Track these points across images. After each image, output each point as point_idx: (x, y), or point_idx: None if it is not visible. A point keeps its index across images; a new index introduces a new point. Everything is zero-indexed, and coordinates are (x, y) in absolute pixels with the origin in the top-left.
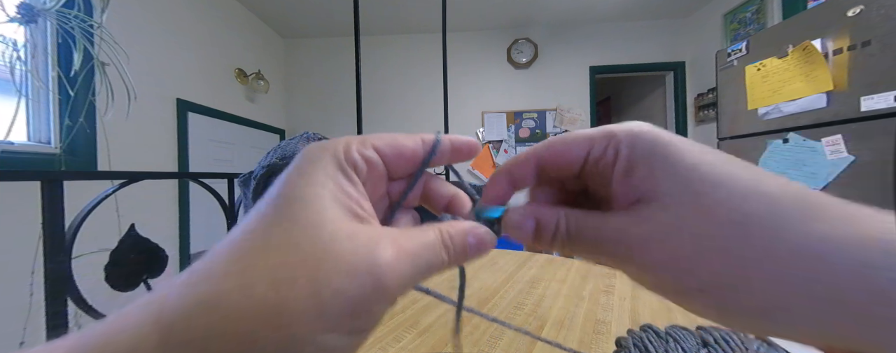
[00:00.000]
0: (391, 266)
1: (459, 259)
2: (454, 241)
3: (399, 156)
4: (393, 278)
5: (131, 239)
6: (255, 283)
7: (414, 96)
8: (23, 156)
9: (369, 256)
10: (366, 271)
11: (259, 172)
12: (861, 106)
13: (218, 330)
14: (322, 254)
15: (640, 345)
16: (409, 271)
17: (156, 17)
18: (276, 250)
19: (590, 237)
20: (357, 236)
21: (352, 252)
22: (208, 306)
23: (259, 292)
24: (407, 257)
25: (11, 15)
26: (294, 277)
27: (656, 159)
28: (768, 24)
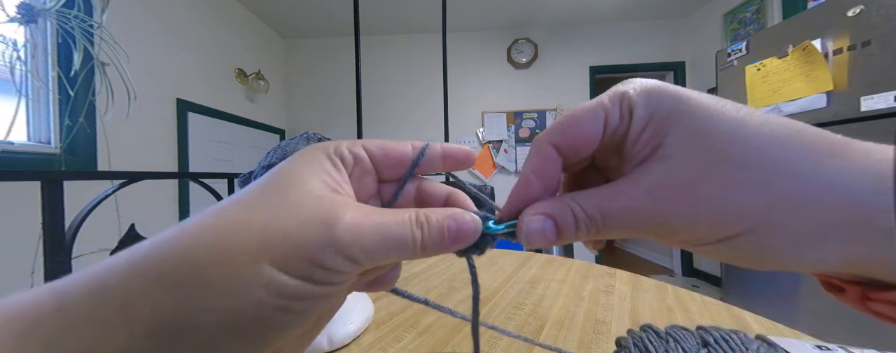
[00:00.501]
0: (348, 223)
1: (436, 241)
2: (430, 221)
3: (386, 155)
4: (347, 233)
5: (131, 239)
6: (218, 224)
7: (414, 96)
8: (23, 156)
9: (328, 211)
10: (318, 220)
11: (259, 172)
12: (861, 106)
13: (171, 256)
14: (284, 208)
15: (640, 345)
16: (370, 233)
17: (156, 17)
18: (250, 205)
19: (616, 219)
20: (324, 198)
21: (312, 207)
22: (174, 239)
23: (218, 230)
24: (370, 223)
25: (11, 15)
26: (252, 221)
27: (673, 114)
28: (768, 24)
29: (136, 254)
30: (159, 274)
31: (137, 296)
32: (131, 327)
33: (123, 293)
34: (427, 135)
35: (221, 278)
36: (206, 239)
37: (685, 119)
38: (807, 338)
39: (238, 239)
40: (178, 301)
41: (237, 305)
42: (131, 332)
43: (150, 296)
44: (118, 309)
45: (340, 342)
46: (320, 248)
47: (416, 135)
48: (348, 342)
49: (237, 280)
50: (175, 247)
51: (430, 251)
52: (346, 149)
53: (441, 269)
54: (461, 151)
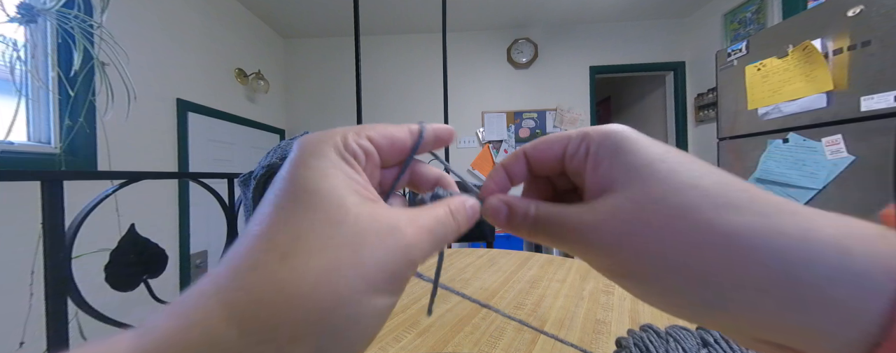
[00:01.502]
0: (414, 240)
1: (465, 225)
2: (457, 211)
3: (391, 145)
4: (417, 250)
5: (131, 239)
6: (308, 266)
7: (414, 96)
8: (23, 156)
9: (396, 233)
10: (393, 242)
11: (259, 172)
12: (861, 106)
13: (286, 310)
14: (356, 237)
15: (641, 345)
16: (428, 241)
17: (156, 17)
18: (315, 238)
19: (553, 224)
20: (378, 217)
21: (381, 232)
22: (272, 290)
23: (313, 274)
24: (425, 232)
25: (11, 15)
26: (339, 255)
27: (618, 155)
28: (768, 24)
29: (239, 310)
30: (287, 332)
31: (268, 334)
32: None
33: (246, 327)
34: None
35: (351, 317)
36: (312, 284)
37: (626, 159)
38: None
39: (343, 277)
40: (320, 345)
41: (366, 331)
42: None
43: (290, 335)
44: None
45: None
46: (405, 270)
47: None
48: None
49: (363, 313)
50: (287, 297)
51: (460, 233)
52: (354, 145)
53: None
54: (446, 131)
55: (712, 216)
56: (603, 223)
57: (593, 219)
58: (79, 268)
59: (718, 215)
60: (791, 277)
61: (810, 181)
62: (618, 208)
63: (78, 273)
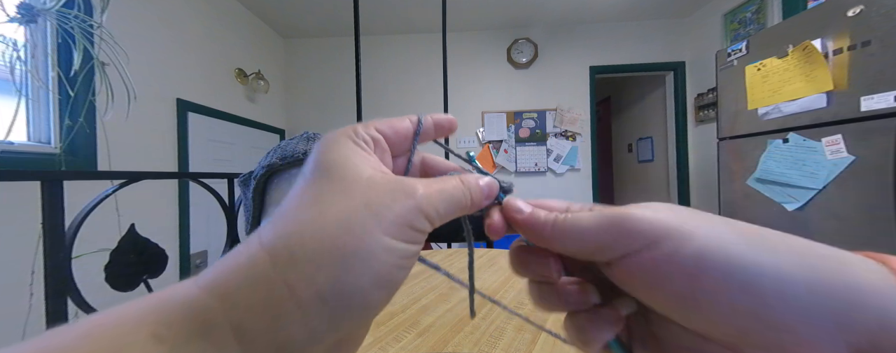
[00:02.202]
0: (424, 193)
1: (476, 198)
2: (470, 183)
3: (396, 133)
4: (426, 202)
5: (131, 239)
6: (327, 212)
7: (414, 96)
8: (23, 156)
9: (406, 187)
10: (404, 195)
11: (259, 173)
12: (861, 106)
13: (310, 243)
14: (370, 190)
15: None
16: (438, 198)
17: (156, 17)
18: (336, 193)
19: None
20: (391, 178)
21: (392, 186)
22: (299, 230)
23: (331, 215)
24: (436, 190)
25: (11, 15)
26: (354, 204)
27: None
28: (768, 24)
29: (273, 243)
30: (309, 258)
31: (298, 280)
32: (300, 303)
33: (286, 280)
34: None
35: (363, 254)
36: (330, 226)
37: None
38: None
39: (358, 221)
40: (335, 273)
41: (378, 269)
42: (304, 290)
43: (311, 278)
44: (289, 293)
45: None
46: (413, 215)
47: None
48: None
49: (374, 250)
50: (310, 234)
51: (476, 206)
52: (364, 133)
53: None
54: (446, 119)
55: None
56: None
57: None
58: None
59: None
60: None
61: (810, 181)
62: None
63: (78, 273)
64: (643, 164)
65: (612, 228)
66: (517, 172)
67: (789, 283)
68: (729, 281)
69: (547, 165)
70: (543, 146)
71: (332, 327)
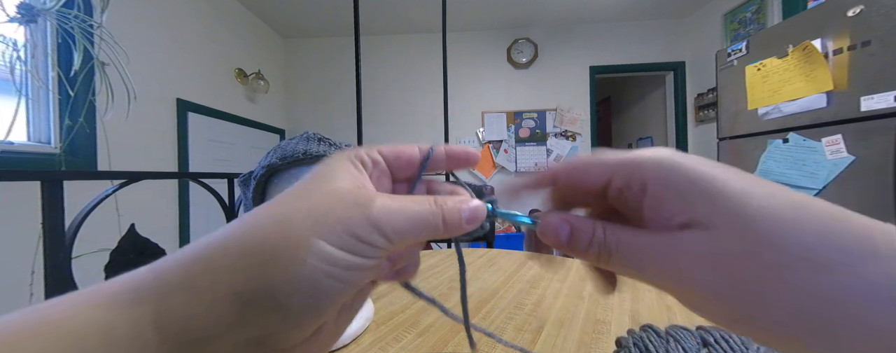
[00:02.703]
0: (379, 204)
1: (453, 221)
2: (447, 205)
3: (397, 157)
4: (380, 212)
5: (131, 239)
6: (274, 210)
7: (414, 96)
8: (23, 156)
9: (362, 195)
10: (354, 202)
11: (259, 173)
12: (861, 106)
13: (241, 239)
14: (325, 196)
15: (641, 345)
16: (397, 212)
17: (156, 17)
18: (296, 197)
19: (631, 251)
20: (353, 187)
21: (347, 193)
22: (238, 229)
23: (275, 213)
24: (397, 204)
25: (11, 15)
26: (302, 205)
27: (692, 188)
28: (768, 24)
29: (215, 239)
30: (239, 253)
31: (223, 271)
32: (220, 294)
33: (211, 269)
34: (427, 135)
35: (288, 252)
36: (269, 222)
37: (711, 196)
38: None
39: (294, 221)
40: (255, 271)
41: (301, 272)
42: (218, 299)
43: (233, 269)
44: (209, 283)
45: (341, 341)
46: (359, 225)
47: (416, 134)
48: (348, 342)
49: (299, 253)
50: (247, 230)
51: (449, 229)
52: (364, 154)
53: (441, 269)
54: (463, 152)
55: (809, 281)
56: (697, 262)
57: (692, 254)
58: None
59: (815, 280)
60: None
61: (810, 181)
62: (714, 249)
63: (78, 273)
64: None
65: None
66: (517, 173)
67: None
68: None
69: (547, 165)
70: (543, 146)
71: (244, 321)
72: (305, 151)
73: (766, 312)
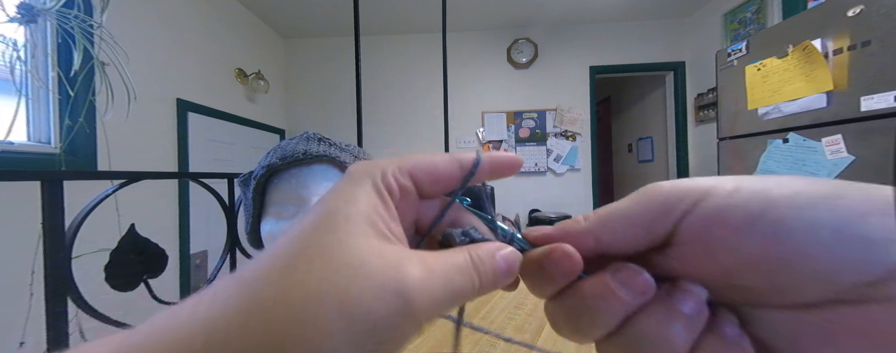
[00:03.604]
0: (419, 287)
1: (489, 282)
2: (484, 262)
3: (434, 182)
4: (421, 300)
5: (131, 239)
6: (292, 295)
7: (414, 96)
8: (23, 156)
9: (397, 275)
10: (393, 291)
11: (259, 173)
12: (861, 106)
13: (254, 336)
14: (351, 271)
15: None
16: (440, 293)
17: (156, 17)
18: (311, 262)
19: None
20: (384, 254)
21: (380, 271)
22: (250, 312)
23: (294, 304)
24: (436, 279)
25: (11, 15)
26: (325, 291)
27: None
28: (768, 24)
29: (215, 311)
30: (239, 346)
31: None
32: None
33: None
34: (427, 135)
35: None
36: (279, 308)
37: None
38: None
39: (318, 315)
40: None
41: None
42: None
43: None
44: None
45: None
46: (401, 323)
47: (416, 134)
48: None
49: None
50: (252, 311)
51: (485, 290)
52: (393, 180)
53: None
54: (507, 159)
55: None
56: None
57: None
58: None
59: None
60: None
61: None
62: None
63: (78, 273)
64: (643, 164)
65: (656, 198)
66: (517, 173)
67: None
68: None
69: (547, 165)
70: (543, 146)
71: None
72: (305, 151)
73: None
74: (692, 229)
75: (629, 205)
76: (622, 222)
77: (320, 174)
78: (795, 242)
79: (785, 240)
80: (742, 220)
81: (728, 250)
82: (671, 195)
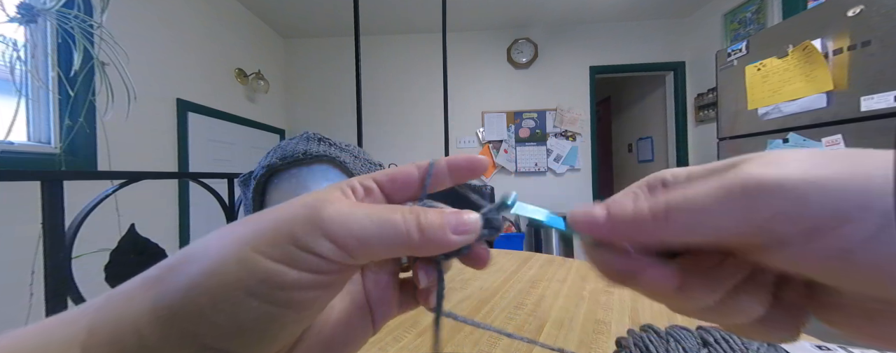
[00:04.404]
0: (336, 206)
1: (433, 232)
2: (428, 214)
3: (392, 180)
4: (334, 214)
5: (131, 239)
6: (223, 230)
7: (414, 96)
8: (23, 156)
9: (315, 198)
10: (301, 205)
11: (259, 173)
12: (861, 106)
13: (175, 260)
14: (281, 207)
15: (641, 345)
16: (359, 216)
17: (156, 17)
18: (260, 213)
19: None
20: (326, 191)
21: (303, 199)
22: (194, 242)
23: (218, 233)
24: (361, 208)
25: (11, 15)
26: (249, 220)
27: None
28: (768, 24)
29: (181, 249)
30: (178, 259)
31: (151, 278)
32: (141, 302)
33: (146, 277)
34: (427, 134)
35: (212, 261)
36: (217, 233)
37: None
38: (807, 338)
39: (236, 229)
40: (176, 279)
41: (220, 284)
42: (140, 305)
43: (159, 277)
44: (137, 289)
45: None
46: (302, 228)
47: (416, 135)
48: None
49: (222, 261)
50: (198, 240)
51: (429, 241)
52: (356, 182)
53: None
54: (465, 160)
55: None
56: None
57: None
58: (79, 268)
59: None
60: None
61: None
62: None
63: (78, 273)
64: (643, 164)
65: (746, 205)
66: (517, 173)
67: None
68: None
69: (547, 165)
70: (543, 146)
71: (169, 344)
72: (305, 151)
73: None
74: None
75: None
76: (696, 226)
77: (320, 174)
78: None
79: None
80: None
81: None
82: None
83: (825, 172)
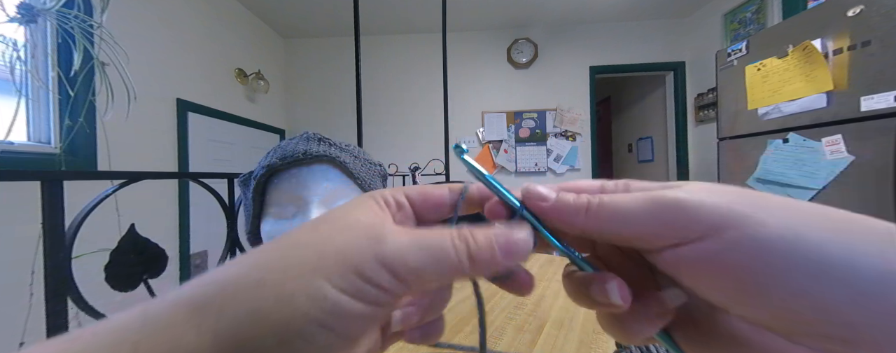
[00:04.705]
0: (392, 236)
1: (483, 257)
2: (475, 234)
3: (425, 200)
4: (391, 246)
5: (131, 239)
6: (281, 244)
7: (414, 96)
8: (23, 156)
9: (374, 226)
10: (365, 237)
11: (259, 173)
12: (861, 106)
13: (240, 281)
14: (337, 230)
15: (642, 345)
16: (410, 245)
17: (156, 17)
18: (308, 232)
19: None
20: (372, 223)
21: (361, 228)
22: (245, 266)
23: (280, 247)
24: (414, 235)
25: (11, 15)
26: (309, 242)
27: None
28: (768, 24)
29: (220, 270)
30: (234, 285)
31: (207, 306)
32: (201, 332)
33: (196, 303)
34: (427, 134)
35: (277, 290)
36: (273, 256)
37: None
38: None
39: (297, 254)
40: (239, 309)
41: (287, 317)
42: (200, 336)
43: (220, 306)
44: (188, 315)
45: None
46: (367, 261)
47: (416, 134)
48: None
49: (290, 292)
50: (248, 262)
51: (478, 264)
52: (389, 195)
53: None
54: (495, 202)
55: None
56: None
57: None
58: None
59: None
60: None
61: (810, 181)
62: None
63: (78, 273)
64: (643, 164)
65: (664, 214)
66: (517, 172)
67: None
68: (805, 272)
69: (547, 165)
70: (543, 146)
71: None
72: (305, 151)
73: None
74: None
75: (635, 211)
76: (618, 222)
77: (320, 174)
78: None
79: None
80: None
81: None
82: (695, 220)
83: (716, 201)
